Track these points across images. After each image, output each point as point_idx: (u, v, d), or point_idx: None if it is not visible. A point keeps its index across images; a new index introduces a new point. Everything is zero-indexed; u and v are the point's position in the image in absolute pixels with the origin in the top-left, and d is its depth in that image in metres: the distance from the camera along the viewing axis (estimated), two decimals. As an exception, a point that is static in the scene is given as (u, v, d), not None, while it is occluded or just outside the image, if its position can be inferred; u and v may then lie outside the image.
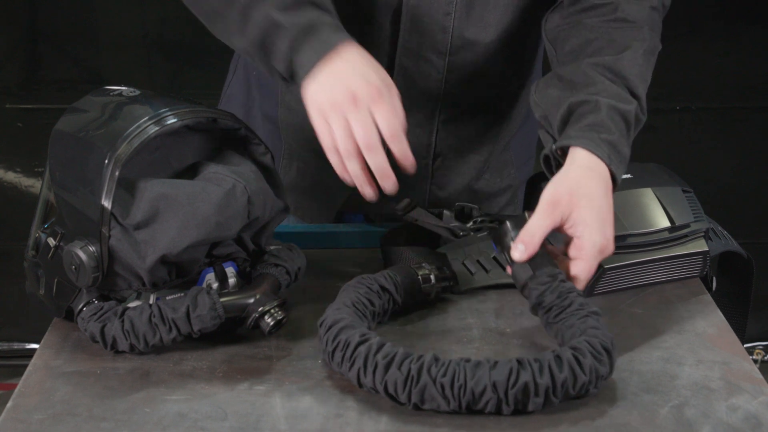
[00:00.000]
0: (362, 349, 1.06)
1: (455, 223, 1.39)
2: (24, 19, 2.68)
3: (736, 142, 2.64)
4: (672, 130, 2.62)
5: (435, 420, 1.03)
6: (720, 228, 1.41)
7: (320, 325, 1.13)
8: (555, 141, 1.24)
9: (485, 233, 1.37)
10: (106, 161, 1.12)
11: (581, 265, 1.17)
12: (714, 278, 1.38)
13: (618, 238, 1.29)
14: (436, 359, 1.04)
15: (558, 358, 1.04)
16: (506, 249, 1.18)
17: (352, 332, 1.08)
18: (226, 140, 1.23)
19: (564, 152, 1.23)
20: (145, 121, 1.14)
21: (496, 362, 1.03)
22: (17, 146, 2.75)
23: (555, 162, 1.24)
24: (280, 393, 1.09)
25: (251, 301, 1.17)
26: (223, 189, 1.16)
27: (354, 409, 1.05)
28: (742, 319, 1.42)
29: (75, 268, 1.14)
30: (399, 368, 1.03)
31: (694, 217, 1.33)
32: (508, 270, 1.19)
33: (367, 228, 1.49)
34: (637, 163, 1.38)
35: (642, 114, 1.29)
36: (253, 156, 1.24)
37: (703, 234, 1.33)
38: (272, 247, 1.26)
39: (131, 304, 1.17)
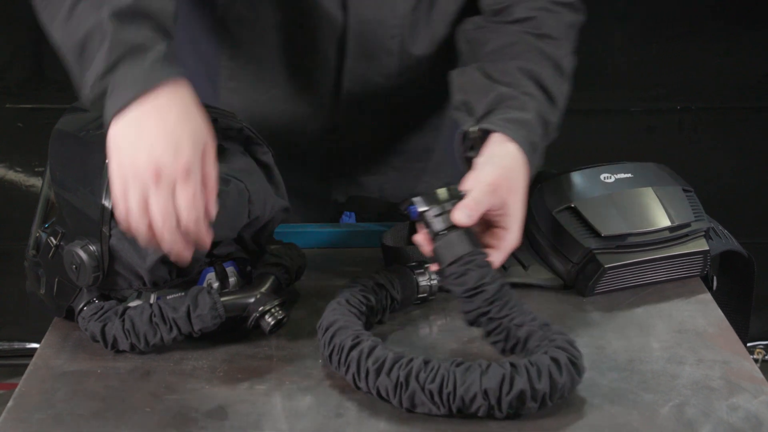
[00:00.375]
0: (354, 353, 1.06)
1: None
2: (25, 19, 2.68)
3: (737, 142, 2.64)
4: (672, 129, 2.62)
5: (436, 420, 1.03)
6: (720, 227, 1.41)
7: (318, 327, 1.13)
8: (478, 122, 1.22)
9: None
10: (107, 160, 1.12)
11: (498, 256, 1.15)
12: (714, 278, 1.38)
13: (618, 238, 1.29)
14: (426, 363, 1.02)
15: (556, 361, 1.03)
16: (429, 223, 1.11)
17: (345, 335, 1.08)
18: (227, 139, 1.23)
19: (484, 136, 1.21)
20: None
21: (488, 365, 1.02)
22: (18, 146, 2.75)
23: (469, 143, 1.22)
24: (280, 392, 1.09)
25: (252, 300, 1.17)
26: (222, 189, 1.16)
27: (354, 408, 1.05)
28: (743, 318, 1.42)
29: (75, 268, 1.14)
30: (388, 375, 1.03)
31: (695, 217, 1.33)
32: (426, 247, 1.13)
33: (367, 227, 1.49)
34: (638, 163, 1.38)
35: (555, 133, 1.29)
36: (254, 155, 1.24)
37: (703, 233, 1.33)
38: (273, 246, 1.26)
39: (132, 304, 1.17)
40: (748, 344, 2.74)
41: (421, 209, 1.12)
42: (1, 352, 2.86)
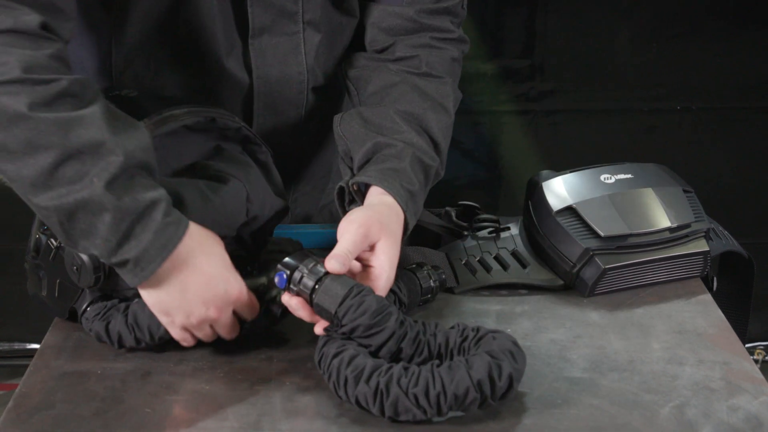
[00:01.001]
0: (335, 362, 1.04)
1: (457, 223, 1.40)
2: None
3: (737, 142, 2.63)
4: (672, 130, 2.62)
5: (432, 423, 1.03)
6: (721, 228, 1.41)
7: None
8: (354, 175, 1.24)
9: (487, 232, 1.37)
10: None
11: None
12: (714, 278, 1.38)
13: (618, 238, 1.29)
14: (405, 369, 1.02)
15: (516, 345, 1.05)
16: (299, 283, 1.08)
17: (332, 344, 1.07)
18: (225, 139, 1.23)
19: (360, 189, 1.23)
20: (143, 123, 1.14)
21: (467, 360, 1.02)
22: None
23: (349, 197, 1.24)
24: (280, 393, 1.09)
25: (263, 280, 1.15)
26: (221, 187, 1.16)
27: (354, 409, 1.05)
28: (743, 319, 1.42)
29: (76, 269, 1.14)
30: (367, 382, 1.01)
31: (695, 217, 1.33)
32: (303, 311, 1.10)
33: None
34: (638, 164, 1.38)
35: (441, 170, 1.30)
36: (253, 155, 1.24)
37: (703, 234, 1.33)
38: (271, 238, 1.25)
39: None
40: (748, 345, 2.74)
41: (286, 275, 1.09)
42: (1, 352, 2.85)
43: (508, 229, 1.38)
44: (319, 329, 1.10)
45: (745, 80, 2.58)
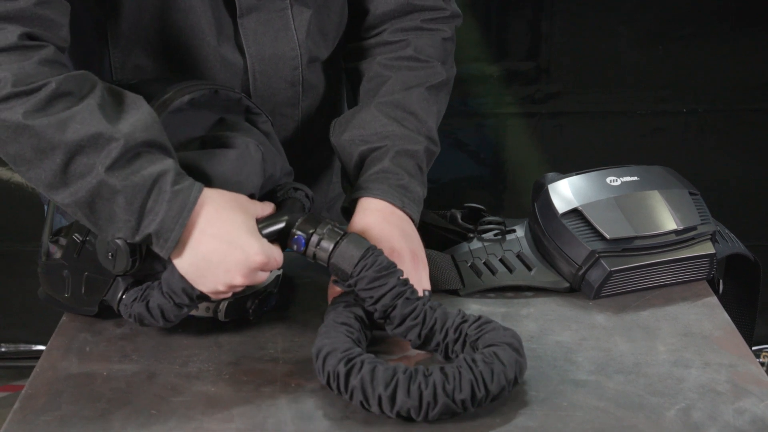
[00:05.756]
0: (356, 382, 1.04)
1: (462, 225, 1.40)
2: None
3: (743, 145, 2.63)
4: (678, 132, 2.61)
5: (441, 423, 1.03)
6: (727, 231, 1.40)
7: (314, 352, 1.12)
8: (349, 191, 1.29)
9: (492, 234, 1.37)
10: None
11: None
12: (720, 281, 1.38)
13: (624, 241, 1.29)
14: (443, 372, 1.03)
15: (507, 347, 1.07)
16: (317, 246, 1.14)
17: (332, 357, 1.07)
18: (228, 111, 1.25)
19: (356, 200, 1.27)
20: (151, 104, 1.15)
21: (496, 354, 1.05)
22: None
23: (353, 212, 1.27)
24: (286, 395, 1.09)
25: (282, 224, 1.15)
26: (237, 150, 1.18)
27: (360, 411, 1.05)
28: (749, 321, 1.42)
29: (111, 255, 1.13)
30: (408, 395, 1.01)
31: (701, 220, 1.33)
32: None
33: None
34: (644, 166, 1.38)
35: (434, 146, 1.33)
36: (255, 124, 1.27)
37: (709, 237, 1.33)
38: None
39: None
40: (755, 348, 2.73)
41: (305, 238, 1.14)
42: (7, 354, 2.86)
43: (514, 231, 1.38)
44: (334, 288, 1.18)
45: (751, 82, 2.57)
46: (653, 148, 2.58)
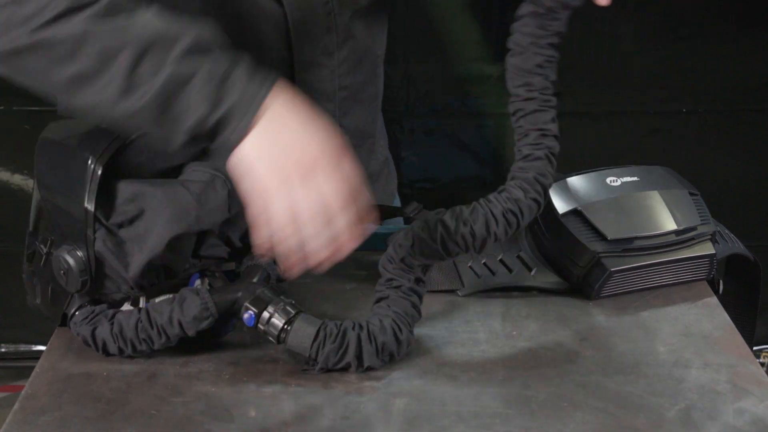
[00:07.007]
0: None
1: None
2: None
3: (743, 145, 2.63)
4: (678, 132, 2.61)
5: (442, 423, 1.03)
6: (727, 231, 1.40)
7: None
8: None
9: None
10: (89, 162, 1.12)
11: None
12: (721, 281, 1.37)
13: (624, 241, 1.29)
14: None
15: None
16: (267, 323, 1.13)
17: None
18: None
19: None
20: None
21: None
22: (24, 149, 2.74)
23: None
24: (287, 395, 1.09)
25: (239, 294, 1.14)
26: (202, 182, 1.16)
27: (361, 412, 1.05)
28: (749, 322, 1.42)
29: (64, 273, 1.14)
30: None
31: (701, 220, 1.33)
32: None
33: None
34: (644, 166, 1.38)
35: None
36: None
37: (709, 237, 1.33)
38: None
39: (124, 308, 1.17)
40: (755, 348, 2.73)
41: (254, 314, 1.13)
42: (6, 354, 2.86)
43: (514, 231, 1.38)
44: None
45: (752, 82, 2.57)
46: (653, 148, 2.58)
